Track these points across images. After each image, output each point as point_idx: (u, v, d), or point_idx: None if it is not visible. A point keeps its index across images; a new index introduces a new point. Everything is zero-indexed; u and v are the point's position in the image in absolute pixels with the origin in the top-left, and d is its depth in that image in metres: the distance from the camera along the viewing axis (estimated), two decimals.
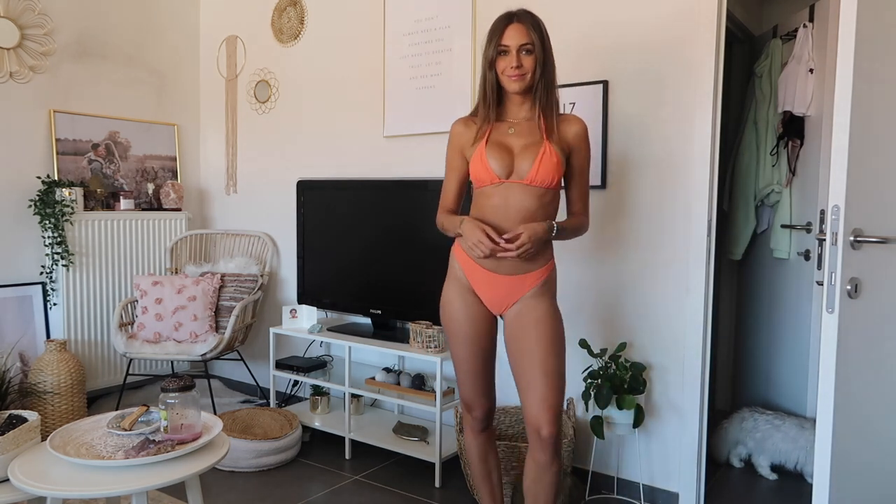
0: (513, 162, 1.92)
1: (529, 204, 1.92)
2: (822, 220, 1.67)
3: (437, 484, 2.78)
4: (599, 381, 2.52)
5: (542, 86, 1.93)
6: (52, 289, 3.43)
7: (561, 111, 2.01)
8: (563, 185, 2.04)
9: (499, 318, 2.06)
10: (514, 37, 1.89)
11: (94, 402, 3.55)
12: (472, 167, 1.97)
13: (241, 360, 3.84)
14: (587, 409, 2.59)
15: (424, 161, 3.23)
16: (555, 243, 2.06)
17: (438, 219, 2.10)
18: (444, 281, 2.08)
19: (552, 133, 1.94)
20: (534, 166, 1.89)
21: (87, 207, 3.50)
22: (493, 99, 1.96)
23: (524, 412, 1.96)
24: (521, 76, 1.90)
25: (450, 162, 2.08)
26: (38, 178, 3.42)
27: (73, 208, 3.38)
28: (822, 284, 1.67)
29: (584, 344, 2.62)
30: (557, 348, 1.94)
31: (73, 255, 3.42)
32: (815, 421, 2.76)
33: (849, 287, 1.62)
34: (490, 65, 1.93)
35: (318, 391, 3.31)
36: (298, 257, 3.52)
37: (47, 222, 3.33)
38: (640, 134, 2.63)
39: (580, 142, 1.98)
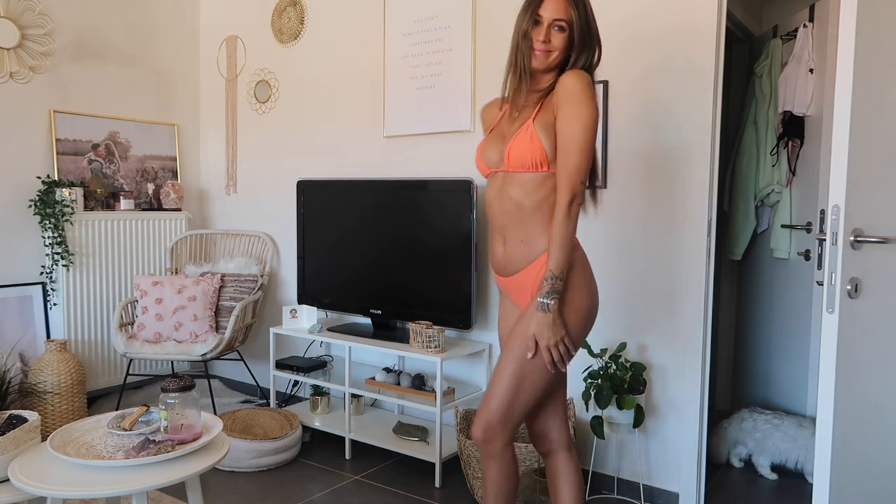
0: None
1: (513, 192, 1.71)
2: (822, 220, 1.67)
3: (437, 484, 2.78)
4: (599, 381, 2.52)
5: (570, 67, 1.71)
6: (52, 289, 3.43)
7: None
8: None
9: None
10: (549, 8, 1.68)
11: (94, 402, 3.55)
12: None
13: (242, 360, 3.84)
14: (587, 409, 2.59)
15: (424, 161, 3.23)
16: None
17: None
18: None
19: (544, 107, 1.72)
20: (506, 150, 1.71)
21: (87, 207, 3.50)
22: (525, 70, 1.72)
23: None
24: (545, 53, 1.69)
25: None
26: (38, 178, 3.42)
27: (73, 208, 3.38)
28: (822, 284, 1.67)
29: (584, 344, 2.62)
30: (517, 352, 1.71)
31: (73, 255, 3.42)
32: (814, 419, 2.76)
33: (849, 287, 1.62)
34: (524, 35, 1.71)
35: (318, 391, 3.31)
36: (298, 257, 3.52)
37: (47, 222, 3.33)
38: (640, 134, 2.63)
39: (561, 98, 1.66)
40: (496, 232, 1.80)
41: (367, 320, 3.38)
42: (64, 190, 3.38)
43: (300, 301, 3.49)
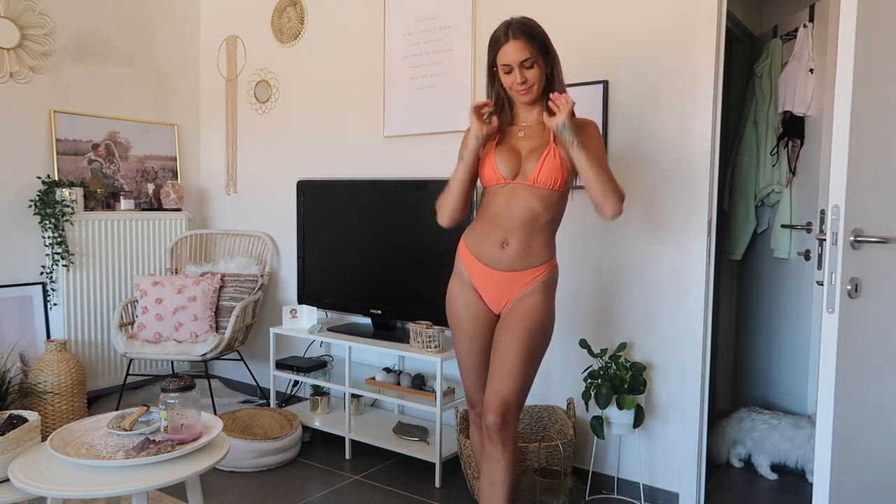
0: (520, 164, 1.97)
1: (533, 204, 1.97)
2: (822, 220, 1.67)
3: (437, 484, 2.78)
4: (599, 381, 2.52)
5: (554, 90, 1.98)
6: (53, 289, 3.43)
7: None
8: (575, 184, 2.05)
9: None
10: (512, 54, 1.91)
11: (95, 402, 3.55)
12: (482, 168, 2.02)
13: (242, 360, 3.84)
14: (587, 409, 2.59)
15: (424, 161, 3.23)
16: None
17: (439, 200, 2.11)
18: (450, 276, 2.14)
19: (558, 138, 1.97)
20: (536, 168, 1.94)
21: (87, 207, 3.50)
22: (508, 107, 2.04)
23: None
24: (528, 90, 1.95)
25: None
26: (39, 178, 3.42)
27: (73, 208, 3.38)
28: (822, 284, 1.67)
29: (584, 344, 2.62)
30: (529, 341, 1.94)
31: (73, 255, 3.42)
32: (812, 419, 2.76)
33: (849, 287, 1.62)
34: (501, 83, 1.99)
35: (318, 391, 3.31)
36: (298, 257, 3.51)
37: (47, 222, 3.33)
38: (641, 134, 2.63)
39: (583, 135, 1.95)
40: (496, 232, 2.00)
41: (367, 320, 3.38)
42: (64, 190, 3.38)
43: (300, 301, 3.49)
